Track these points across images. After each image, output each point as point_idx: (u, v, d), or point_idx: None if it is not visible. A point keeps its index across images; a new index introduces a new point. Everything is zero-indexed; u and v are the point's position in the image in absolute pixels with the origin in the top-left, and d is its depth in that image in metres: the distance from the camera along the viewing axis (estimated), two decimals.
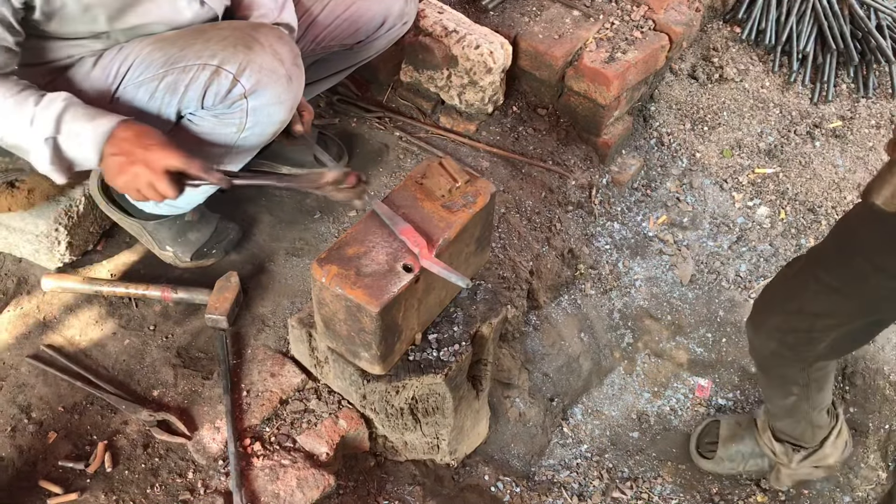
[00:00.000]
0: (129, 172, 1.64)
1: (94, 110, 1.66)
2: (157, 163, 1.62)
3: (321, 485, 1.85)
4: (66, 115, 1.63)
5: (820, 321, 1.78)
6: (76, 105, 1.65)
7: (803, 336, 1.83)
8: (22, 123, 1.62)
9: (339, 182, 1.63)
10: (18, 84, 1.65)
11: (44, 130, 1.62)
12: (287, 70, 1.78)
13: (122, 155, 1.63)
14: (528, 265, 2.44)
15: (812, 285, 1.75)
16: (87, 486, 1.81)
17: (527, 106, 2.83)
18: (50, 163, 1.67)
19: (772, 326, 1.89)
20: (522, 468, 2.40)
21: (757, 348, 1.97)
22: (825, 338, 1.82)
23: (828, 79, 3.16)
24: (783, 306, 1.85)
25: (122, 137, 1.64)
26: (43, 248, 2.09)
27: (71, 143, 1.65)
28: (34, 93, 1.64)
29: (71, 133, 1.63)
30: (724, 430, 2.41)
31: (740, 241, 2.82)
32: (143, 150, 1.62)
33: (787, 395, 2.07)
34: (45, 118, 1.62)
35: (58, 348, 2.03)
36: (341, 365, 1.85)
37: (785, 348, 1.89)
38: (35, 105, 1.62)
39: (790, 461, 2.27)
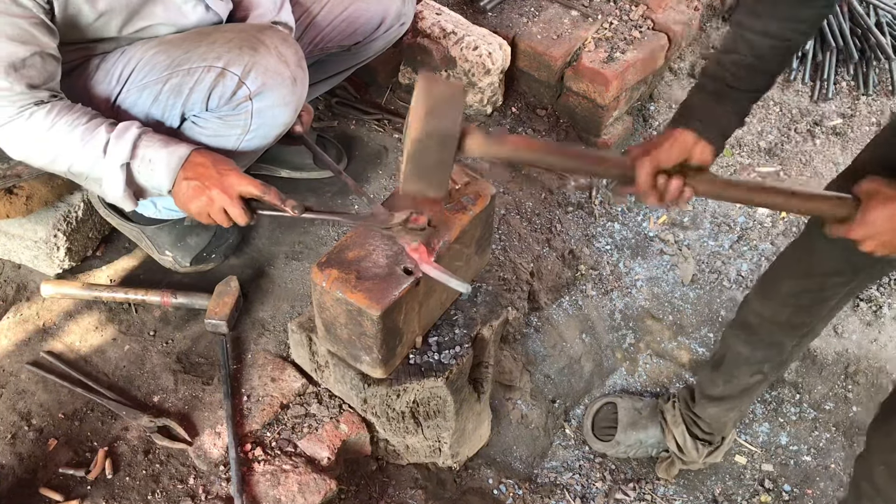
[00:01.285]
0: (203, 197, 1.67)
1: (167, 138, 1.70)
2: (233, 189, 1.65)
3: (323, 489, 1.85)
4: (141, 142, 1.66)
5: (829, 279, 1.81)
6: (149, 132, 1.69)
7: (817, 295, 1.86)
8: (94, 152, 1.65)
9: (406, 222, 1.61)
10: (87, 113, 1.68)
11: (119, 157, 1.65)
12: (292, 72, 1.77)
13: (196, 180, 1.66)
14: (529, 266, 2.43)
15: (817, 243, 1.78)
16: (88, 492, 1.81)
17: (526, 107, 2.82)
18: (123, 190, 1.70)
19: (785, 292, 1.90)
20: (525, 470, 2.39)
21: (768, 317, 1.97)
22: (835, 295, 1.85)
23: (828, 76, 3.16)
24: (793, 270, 1.88)
25: (197, 163, 1.68)
26: (42, 254, 2.08)
27: (143, 169, 1.68)
28: (104, 121, 1.68)
29: (144, 159, 1.67)
30: (623, 416, 2.43)
31: (741, 240, 2.81)
32: (218, 176, 1.66)
33: (755, 374, 2.09)
34: (120, 145, 1.65)
35: (58, 355, 2.02)
36: (342, 369, 1.84)
37: (802, 312, 1.91)
38: (108, 133, 1.65)
39: (699, 457, 2.32)
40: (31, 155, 1.69)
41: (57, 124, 1.63)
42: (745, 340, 2.04)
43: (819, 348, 2.58)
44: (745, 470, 2.46)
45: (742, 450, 2.49)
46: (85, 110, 1.68)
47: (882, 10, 3.19)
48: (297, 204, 1.64)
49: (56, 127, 1.63)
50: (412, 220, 1.60)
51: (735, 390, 2.15)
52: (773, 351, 2.04)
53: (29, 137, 1.64)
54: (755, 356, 2.05)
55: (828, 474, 2.44)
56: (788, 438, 2.51)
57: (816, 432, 2.52)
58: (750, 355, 2.06)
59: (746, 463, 2.47)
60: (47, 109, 1.63)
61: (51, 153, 1.67)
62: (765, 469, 2.46)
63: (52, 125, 1.63)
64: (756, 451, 2.49)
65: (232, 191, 1.65)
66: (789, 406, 2.56)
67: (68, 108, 1.65)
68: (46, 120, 1.62)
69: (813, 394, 2.56)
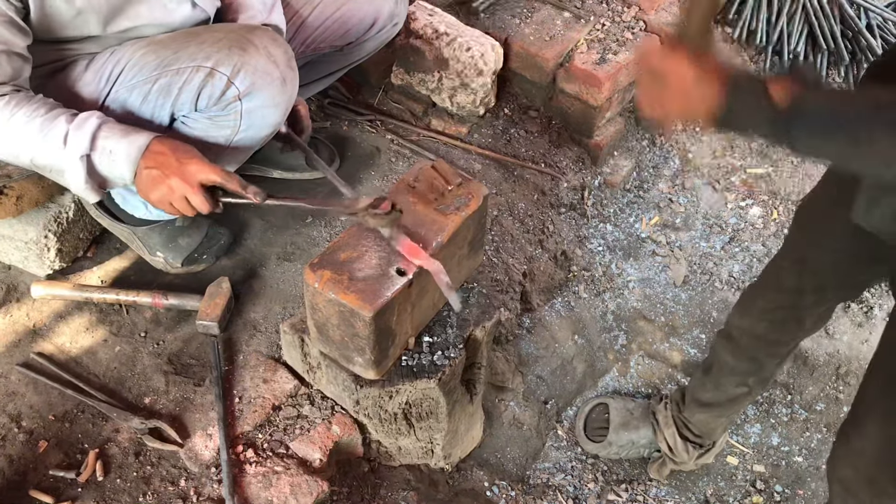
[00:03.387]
0: (163, 186, 1.65)
1: (127, 127, 1.67)
2: (193, 176, 1.63)
3: (315, 491, 1.84)
4: (101, 133, 1.64)
5: (799, 298, 1.83)
6: (109, 122, 1.66)
7: (789, 313, 1.88)
8: (54, 143, 1.63)
9: (372, 208, 1.61)
10: (46, 103, 1.65)
11: (78, 148, 1.63)
12: (281, 72, 1.77)
13: (157, 168, 1.64)
14: (522, 268, 2.43)
15: (785, 262, 1.83)
16: (79, 495, 1.79)
17: (518, 108, 2.83)
18: (85, 182, 1.68)
19: (759, 308, 1.93)
20: (517, 472, 2.39)
21: (746, 330, 2.00)
22: (809, 316, 1.88)
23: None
24: (768, 285, 1.91)
25: (157, 151, 1.65)
26: (32, 255, 2.07)
27: (104, 160, 1.65)
28: (64, 111, 1.65)
29: (104, 150, 1.64)
30: (615, 416, 2.43)
31: (733, 241, 2.82)
32: (178, 164, 1.63)
33: (741, 385, 2.11)
34: (79, 136, 1.62)
35: (48, 356, 2.01)
36: (334, 370, 1.83)
37: (776, 327, 1.93)
38: (68, 123, 1.62)
39: (690, 458, 2.33)
40: None
41: (15, 115, 1.60)
42: (730, 351, 2.06)
43: (810, 349, 2.59)
44: (736, 471, 2.47)
45: (734, 451, 2.50)
46: (45, 101, 1.65)
47: (872, 12, 3.21)
48: (258, 191, 1.63)
49: (14, 118, 1.60)
50: (377, 206, 1.60)
51: (722, 398, 2.16)
52: (754, 365, 2.06)
53: None
54: (739, 367, 2.07)
55: (819, 475, 2.45)
56: (780, 439, 2.51)
57: (808, 433, 2.52)
58: (735, 366, 2.07)
59: (738, 464, 2.48)
60: (5, 101, 1.60)
61: (12, 145, 1.65)
62: (756, 470, 2.47)
63: (11, 116, 1.60)
64: (748, 451, 2.50)
65: (192, 179, 1.63)
66: (781, 407, 2.56)
67: (27, 99, 1.63)
68: (4, 111, 1.60)
69: (804, 395, 2.57)
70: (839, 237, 1.66)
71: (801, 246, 1.80)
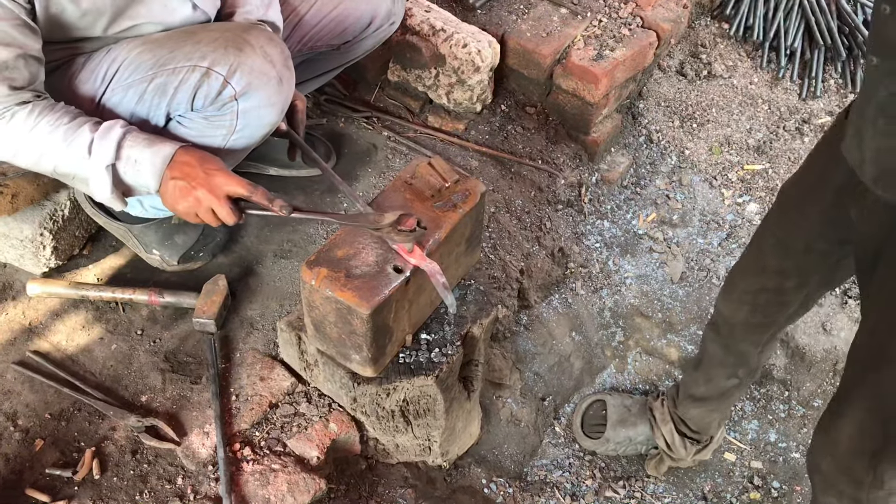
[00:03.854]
0: (190, 198, 1.65)
1: (151, 136, 1.67)
2: (220, 189, 1.63)
3: (312, 489, 1.84)
4: (126, 142, 1.64)
5: (783, 281, 1.82)
6: (134, 131, 1.66)
7: (773, 297, 1.87)
8: (79, 153, 1.63)
9: (397, 224, 1.60)
10: (69, 112, 1.65)
11: (104, 158, 1.63)
12: (278, 72, 1.76)
13: (183, 179, 1.64)
14: (519, 265, 2.43)
15: (766, 241, 1.82)
16: (75, 493, 1.79)
17: (515, 104, 2.82)
18: (111, 191, 1.68)
19: (742, 289, 1.92)
20: (515, 468, 2.39)
21: (727, 317, 2.00)
22: (793, 301, 1.87)
23: (816, 74, 3.17)
24: (749, 267, 1.91)
25: (183, 162, 1.65)
26: (28, 252, 2.06)
27: (129, 170, 1.65)
28: (87, 120, 1.65)
29: (129, 159, 1.64)
30: (613, 413, 2.43)
31: (730, 237, 2.82)
32: (205, 176, 1.63)
33: (732, 377, 2.11)
34: (104, 146, 1.62)
35: (44, 354, 2.00)
36: (331, 368, 1.83)
37: (758, 312, 1.92)
38: (92, 132, 1.62)
39: (687, 454, 2.33)
40: (15, 156, 1.67)
41: (39, 124, 1.61)
42: (718, 343, 2.06)
43: (808, 345, 2.59)
44: (734, 467, 2.47)
45: (731, 447, 2.50)
46: (68, 109, 1.66)
47: (869, 8, 3.20)
48: (285, 204, 1.63)
49: (38, 127, 1.61)
50: (402, 223, 1.59)
51: (715, 392, 2.17)
52: (741, 357, 2.06)
53: (11, 139, 1.62)
54: (728, 360, 2.07)
55: None
56: (777, 435, 2.52)
57: (805, 429, 2.53)
58: (723, 358, 2.08)
59: (736, 460, 2.48)
60: (29, 110, 1.60)
61: (34, 154, 1.65)
62: (754, 466, 2.47)
63: (35, 125, 1.61)
64: (745, 448, 2.50)
65: (219, 191, 1.63)
66: (778, 403, 2.57)
67: (50, 108, 1.63)
68: (28, 120, 1.60)
69: (802, 391, 2.57)
70: (817, 216, 1.67)
71: (782, 225, 1.79)
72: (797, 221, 1.73)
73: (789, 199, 1.78)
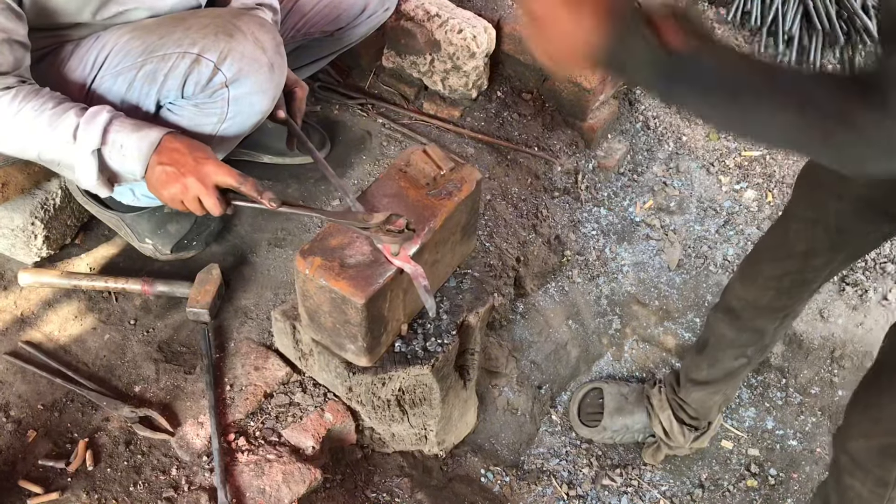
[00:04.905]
0: (177, 184, 1.61)
1: (138, 122, 1.64)
2: (209, 178, 1.59)
3: (307, 479, 1.83)
4: (112, 127, 1.60)
5: (809, 261, 1.80)
6: (120, 116, 1.63)
7: (798, 277, 1.86)
8: (64, 138, 1.59)
9: (386, 224, 1.57)
10: (54, 97, 1.61)
11: (89, 143, 1.59)
12: (269, 58, 1.73)
13: (172, 166, 1.61)
14: (515, 253, 2.41)
15: (793, 224, 1.79)
16: (69, 485, 1.78)
17: (511, 91, 2.80)
18: (97, 177, 1.65)
19: (767, 275, 1.90)
20: (511, 457, 2.39)
21: (750, 301, 1.97)
22: (817, 278, 1.85)
23: (814, 60, 3.14)
24: (774, 253, 1.88)
25: (171, 148, 1.62)
26: (19, 242, 2.04)
27: (115, 155, 1.62)
28: (73, 105, 1.61)
29: (115, 144, 1.61)
30: (609, 401, 2.43)
31: (727, 224, 2.80)
32: (195, 163, 1.60)
33: (740, 357, 2.09)
34: (89, 131, 1.59)
35: (36, 345, 1.98)
36: (326, 357, 1.82)
37: (783, 295, 1.90)
38: (77, 117, 1.59)
39: (685, 441, 2.33)
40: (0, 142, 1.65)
41: (23, 109, 1.58)
42: (729, 324, 2.04)
43: (805, 333, 2.58)
44: (731, 455, 2.46)
45: (728, 434, 2.50)
46: (52, 94, 1.62)
47: None
48: (274, 197, 1.59)
49: (22, 112, 1.58)
50: (391, 223, 1.57)
51: (720, 374, 2.15)
52: (756, 335, 2.04)
53: None
54: (739, 339, 2.05)
55: (813, 458, 2.45)
56: (774, 423, 2.51)
57: (802, 417, 2.52)
58: (735, 338, 2.06)
59: (733, 448, 2.47)
60: (13, 95, 1.58)
61: (19, 140, 1.62)
62: (751, 453, 2.46)
63: (19, 110, 1.58)
64: (742, 435, 2.49)
65: (208, 180, 1.60)
66: (775, 391, 2.56)
67: (35, 93, 1.60)
68: (12, 105, 1.57)
69: (799, 378, 2.56)
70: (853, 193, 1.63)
71: (810, 205, 1.76)
72: (827, 202, 1.70)
73: (817, 178, 1.75)
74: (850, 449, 1.68)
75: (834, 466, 1.81)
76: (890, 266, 2.68)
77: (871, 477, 1.63)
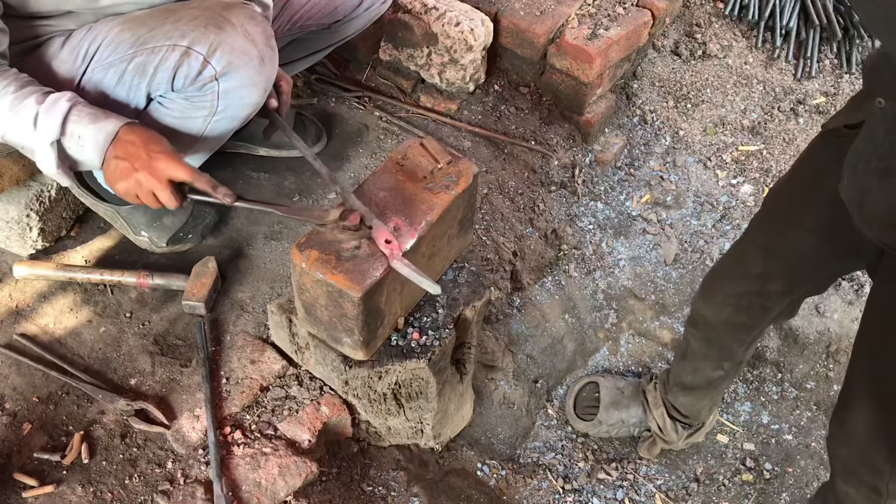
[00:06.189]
0: (131, 179, 1.59)
1: (98, 111, 1.61)
2: (162, 172, 1.58)
3: (303, 472, 1.83)
4: (71, 116, 1.58)
5: (765, 285, 1.80)
6: (81, 105, 1.60)
7: (756, 300, 1.85)
8: (24, 123, 1.57)
9: (341, 220, 1.56)
10: (18, 79, 1.58)
11: (49, 134, 1.57)
12: (259, 51, 1.72)
13: (125, 160, 1.59)
14: (512, 247, 2.41)
15: (750, 248, 1.80)
16: (64, 477, 1.77)
17: (508, 84, 2.79)
18: (57, 167, 1.62)
19: (726, 293, 1.90)
20: (507, 451, 2.39)
21: (709, 318, 1.98)
22: (776, 306, 1.85)
23: (811, 54, 3.14)
24: (731, 272, 1.88)
25: (127, 141, 1.59)
26: (14, 234, 2.04)
27: (73, 145, 1.60)
28: (35, 90, 1.58)
29: (73, 135, 1.59)
30: (605, 395, 2.43)
31: (724, 219, 2.81)
32: (147, 158, 1.58)
33: (717, 369, 2.10)
34: (49, 121, 1.56)
35: (31, 337, 1.98)
36: (323, 351, 1.82)
37: (742, 313, 1.90)
38: (38, 104, 1.56)
39: (679, 438, 2.33)
40: None
41: None
42: (698, 338, 2.06)
43: (801, 327, 2.58)
44: (726, 449, 2.47)
45: (724, 429, 2.50)
46: (17, 76, 1.59)
47: None
48: (228, 192, 1.58)
49: None
50: (345, 219, 1.56)
51: (702, 381, 2.16)
52: (724, 352, 2.05)
53: None
54: (710, 353, 2.07)
55: (808, 453, 2.45)
56: (770, 417, 2.52)
57: (798, 411, 2.53)
58: (706, 352, 2.07)
59: (728, 442, 2.48)
60: None
61: None
62: (746, 448, 2.47)
63: None
64: (738, 430, 2.50)
65: (160, 174, 1.58)
66: (771, 385, 2.56)
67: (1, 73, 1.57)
68: None
69: (795, 373, 2.57)
70: (811, 224, 1.62)
71: (768, 232, 1.76)
72: (786, 231, 1.69)
73: (779, 205, 1.74)
74: (841, 456, 1.67)
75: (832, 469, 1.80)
76: None
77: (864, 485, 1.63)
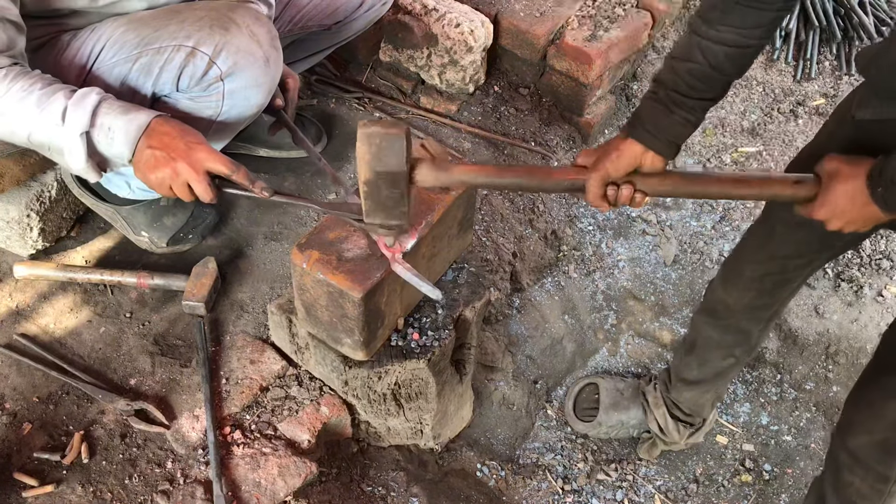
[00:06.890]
0: (167, 168, 1.57)
1: (127, 104, 1.60)
2: (201, 164, 1.56)
3: (303, 472, 1.83)
4: (101, 108, 1.56)
5: (791, 262, 1.81)
6: (109, 98, 1.59)
7: (778, 278, 1.86)
8: (52, 119, 1.55)
9: None
10: (44, 78, 1.58)
11: (78, 125, 1.55)
12: (265, 52, 1.73)
13: (162, 150, 1.57)
14: (511, 247, 2.42)
15: (777, 227, 1.78)
16: (64, 477, 1.78)
17: (508, 85, 2.80)
18: (86, 160, 1.60)
19: (748, 277, 1.90)
20: (507, 452, 2.39)
21: (731, 304, 1.97)
22: (797, 277, 1.86)
23: (811, 56, 3.15)
24: (755, 255, 1.88)
25: (162, 132, 1.58)
26: (14, 234, 2.04)
27: (103, 138, 1.58)
28: (63, 87, 1.57)
29: (103, 127, 1.57)
30: (605, 397, 2.43)
31: (723, 220, 2.81)
32: (186, 148, 1.56)
33: (728, 357, 2.10)
34: (78, 113, 1.55)
35: (32, 337, 1.98)
36: (323, 351, 1.82)
37: (764, 295, 1.91)
38: (66, 99, 1.55)
39: (681, 438, 2.33)
40: None
41: (11, 90, 1.54)
42: (714, 326, 2.05)
43: (800, 329, 2.58)
44: (726, 450, 2.47)
45: (723, 430, 2.50)
46: (42, 76, 1.59)
47: None
48: (265, 186, 1.57)
49: (10, 93, 1.54)
50: None
51: (709, 374, 2.16)
52: (740, 336, 2.05)
53: None
54: (725, 340, 2.06)
55: (808, 454, 2.46)
56: (769, 418, 2.52)
57: (797, 412, 2.53)
58: (720, 339, 2.06)
59: (727, 443, 2.48)
60: (2, 75, 1.54)
61: (9, 122, 1.58)
62: (745, 449, 2.47)
63: (7, 91, 1.54)
64: (737, 431, 2.50)
65: (199, 166, 1.56)
66: (770, 386, 2.57)
67: (24, 74, 1.56)
68: (1, 86, 1.54)
69: (794, 374, 2.57)
70: None
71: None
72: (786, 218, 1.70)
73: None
74: (851, 445, 1.67)
75: (831, 463, 1.80)
76: (885, 262, 2.69)
77: (871, 473, 1.63)
